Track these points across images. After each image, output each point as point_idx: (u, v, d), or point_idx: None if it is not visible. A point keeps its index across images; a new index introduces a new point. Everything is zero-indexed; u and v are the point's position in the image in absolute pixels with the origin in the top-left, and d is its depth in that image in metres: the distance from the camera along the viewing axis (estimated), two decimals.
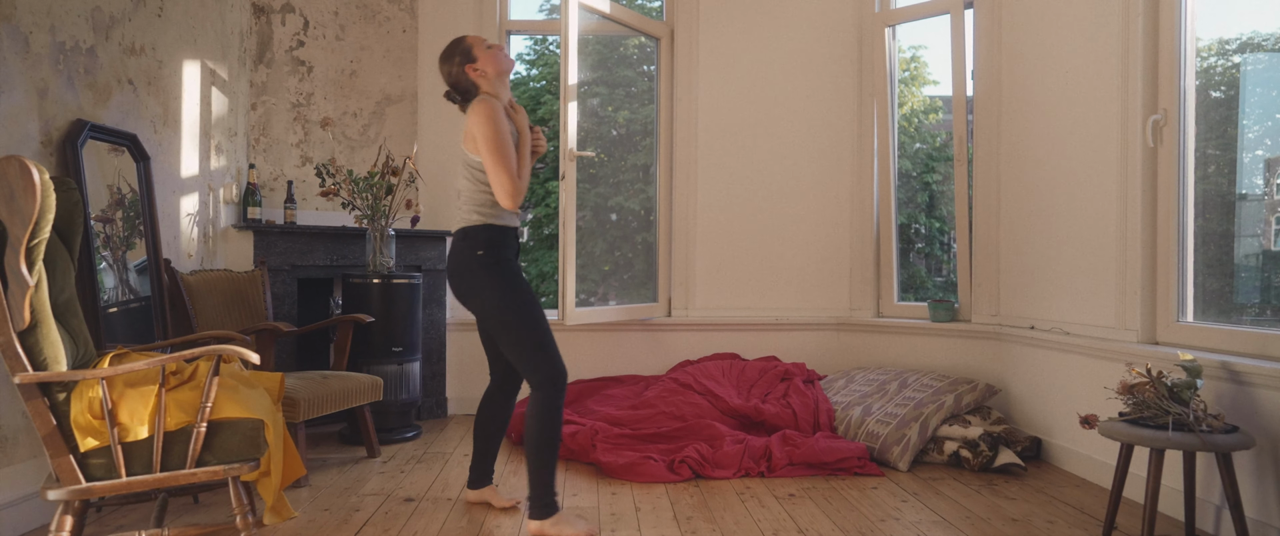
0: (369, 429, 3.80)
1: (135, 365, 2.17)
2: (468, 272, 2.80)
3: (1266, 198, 3.07)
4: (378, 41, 4.78)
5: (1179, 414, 2.54)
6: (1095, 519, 2.95)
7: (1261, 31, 3.10)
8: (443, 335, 4.73)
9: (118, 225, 3.30)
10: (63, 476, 2.14)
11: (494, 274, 2.78)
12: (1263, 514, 2.62)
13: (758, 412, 4.01)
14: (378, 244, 4.17)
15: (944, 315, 4.52)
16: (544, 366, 2.73)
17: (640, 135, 5.42)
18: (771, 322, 4.98)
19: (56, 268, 2.31)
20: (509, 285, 2.78)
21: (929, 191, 9.33)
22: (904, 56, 11.14)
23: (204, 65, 3.95)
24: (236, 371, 2.53)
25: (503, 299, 2.77)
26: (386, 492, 3.25)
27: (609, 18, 4.71)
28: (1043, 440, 3.80)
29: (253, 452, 2.30)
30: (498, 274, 2.78)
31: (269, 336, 3.61)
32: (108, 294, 3.18)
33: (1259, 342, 2.76)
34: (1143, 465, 2.97)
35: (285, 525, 2.83)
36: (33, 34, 2.83)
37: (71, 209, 2.38)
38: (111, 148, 3.27)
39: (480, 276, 2.78)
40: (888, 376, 4.22)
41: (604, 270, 5.63)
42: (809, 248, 5.03)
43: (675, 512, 3.02)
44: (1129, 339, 3.22)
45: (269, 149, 4.53)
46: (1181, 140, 3.11)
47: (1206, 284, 3.15)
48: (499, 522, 2.90)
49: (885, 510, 3.07)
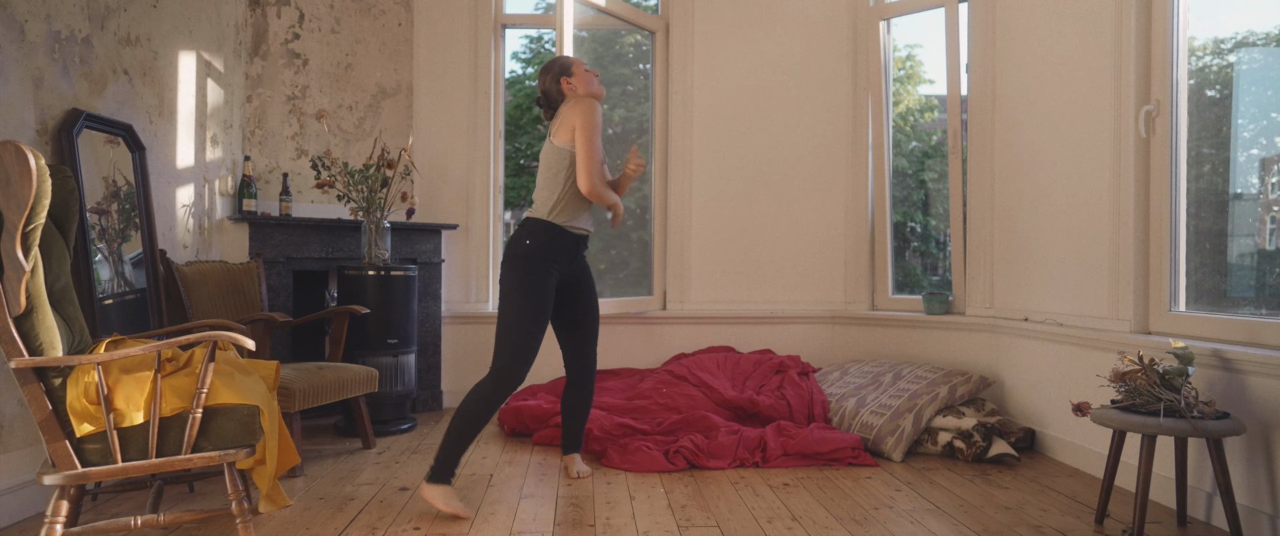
0: (364, 420, 3.80)
1: (131, 350, 2.17)
2: (508, 258, 2.96)
3: (1261, 196, 3.08)
4: (373, 34, 4.78)
5: (1170, 400, 2.55)
6: (1088, 506, 2.96)
7: (1257, 30, 3.11)
8: (438, 328, 4.73)
9: (113, 217, 3.30)
10: (59, 461, 2.15)
11: (523, 267, 2.92)
12: (1253, 500, 2.64)
13: (753, 404, 4.03)
14: (373, 236, 4.17)
15: (938, 308, 4.54)
16: (506, 363, 2.86)
17: (636, 133, 5.43)
18: (767, 316, 4.99)
19: (52, 255, 2.31)
20: (529, 284, 2.91)
21: (924, 189, 9.34)
22: (899, 55, 11.15)
23: (200, 56, 3.95)
24: (232, 358, 2.54)
25: (515, 290, 2.91)
26: (381, 482, 3.26)
27: (604, 11, 4.72)
28: (1036, 431, 3.81)
29: (248, 438, 2.30)
30: (526, 268, 2.92)
31: (264, 327, 3.61)
32: (103, 286, 3.18)
33: (1250, 330, 2.78)
34: (1135, 453, 2.99)
35: (280, 513, 2.83)
36: (28, 22, 2.83)
37: (67, 196, 2.38)
38: (107, 139, 3.27)
39: (511, 264, 2.94)
40: (882, 368, 4.23)
41: (599, 268, 5.64)
42: (804, 240, 5.04)
43: (670, 501, 3.03)
44: (1122, 328, 3.24)
45: (264, 141, 4.53)
46: (1174, 130, 3.13)
47: (1201, 282, 3.17)
48: (494, 509, 2.91)
49: (879, 499, 3.08)
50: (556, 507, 2.96)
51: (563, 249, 3.01)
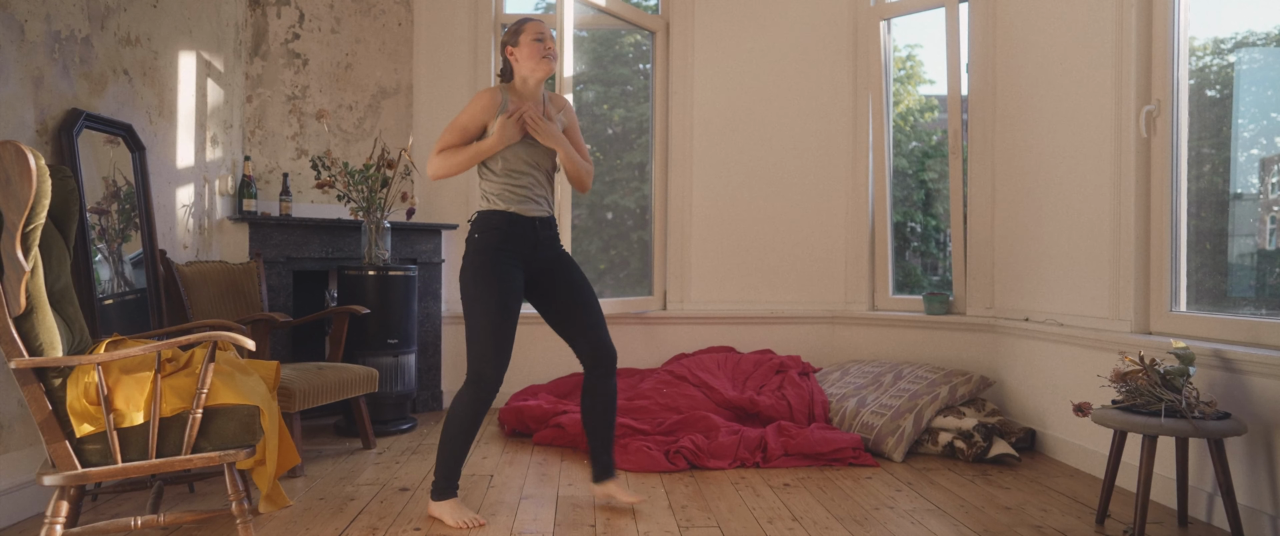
0: (364, 420, 3.80)
1: (131, 351, 2.17)
2: (464, 257, 2.83)
3: (1261, 197, 3.07)
4: (373, 34, 4.78)
5: (1171, 400, 2.55)
6: (1089, 507, 2.96)
7: (1257, 30, 3.11)
8: (438, 328, 4.73)
9: (113, 217, 3.29)
10: (59, 462, 2.14)
11: (470, 260, 2.79)
12: (1255, 500, 2.64)
13: (753, 404, 4.02)
14: (373, 236, 4.17)
15: (939, 308, 4.53)
16: (475, 363, 2.71)
17: (636, 133, 5.43)
18: (767, 316, 4.99)
19: (52, 255, 2.30)
20: (481, 278, 2.74)
21: (925, 189, 9.34)
22: (899, 55, 11.15)
23: (200, 56, 3.95)
24: (232, 359, 2.54)
25: (469, 285, 2.76)
26: (381, 482, 3.25)
27: (604, 11, 4.72)
28: (1037, 431, 3.81)
29: (248, 438, 2.30)
30: (476, 262, 2.77)
31: (264, 327, 3.61)
32: (103, 286, 3.18)
33: (1251, 330, 2.77)
34: (1136, 454, 2.99)
35: (280, 513, 2.83)
36: (28, 22, 2.83)
37: (67, 196, 2.38)
38: (107, 139, 3.26)
39: (465, 262, 2.81)
40: (883, 369, 4.23)
41: (599, 268, 5.64)
42: (804, 241, 5.04)
43: (670, 501, 3.03)
44: (1123, 329, 3.24)
45: (264, 141, 4.53)
46: (1175, 130, 3.13)
47: (1201, 282, 3.16)
48: (494, 510, 2.91)
49: (880, 499, 3.08)
50: (557, 508, 2.96)
51: (515, 237, 2.80)
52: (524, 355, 4.64)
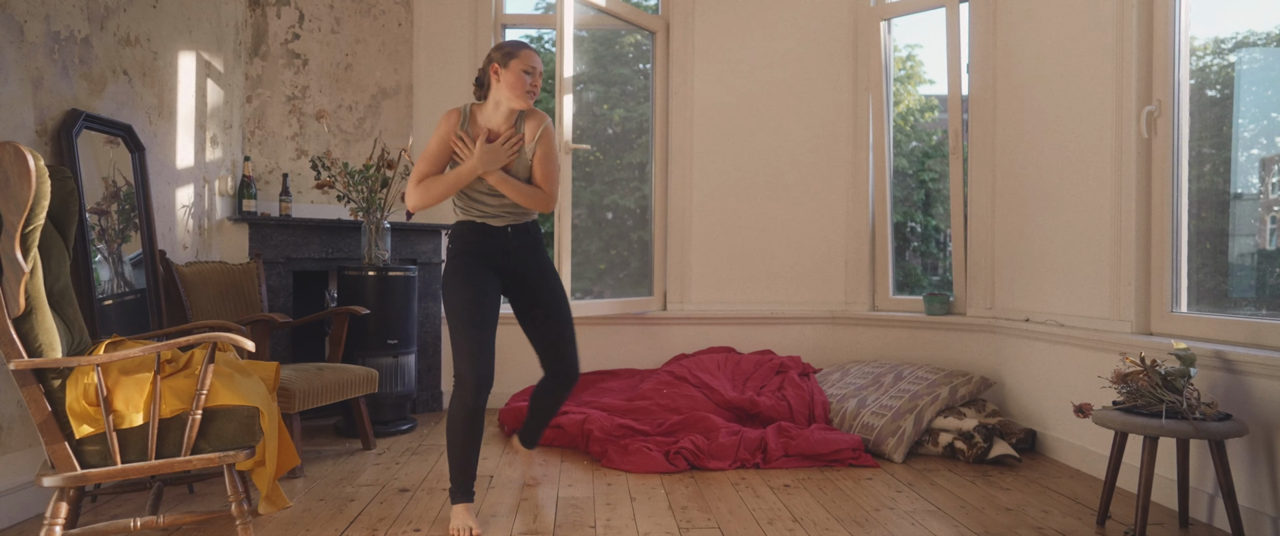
0: (364, 421, 3.80)
1: (130, 352, 2.16)
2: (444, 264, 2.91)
3: (1262, 196, 3.07)
4: (373, 35, 4.78)
5: (1172, 402, 2.55)
6: (1089, 508, 2.96)
7: (1257, 30, 3.11)
8: (438, 328, 4.73)
9: (113, 218, 3.29)
10: (58, 463, 2.14)
11: (446, 267, 2.86)
12: (1256, 501, 2.63)
13: (753, 405, 4.02)
14: (373, 237, 4.16)
15: (939, 308, 4.53)
16: (456, 367, 2.73)
17: (636, 133, 5.43)
18: (767, 316, 4.99)
19: (52, 256, 2.30)
20: (454, 284, 2.79)
21: (925, 189, 9.34)
22: (900, 56, 11.15)
23: (199, 57, 3.95)
24: (232, 360, 2.53)
25: (444, 291, 2.83)
26: (381, 483, 3.25)
27: (604, 11, 4.71)
28: (1037, 432, 3.81)
29: (248, 440, 2.30)
30: (450, 268, 2.84)
31: (264, 328, 3.61)
32: (103, 287, 3.18)
33: (1252, 331, 2.77)
34: (1137, 455, 2.98)
35: (280, 514, 2.83)
36: (27, 23, 2.83)
37: (66, 197, 2.38)
38: (107, 139, 3.26)
39: (443, 270, 2.89)
40: (883, 369, 4.23)
41: (599, 269, 5.63)
42: (805, 241, 5.03)
43: (670, 502, 3.03)
44: (1123, 329, 3.24)
45: (264, 141, 4.52)
46: (1176, 130, 3.13)
47: (1202, 282, 3.16)
48: (494, 510, 2.90)
49: (880, 500, 3.08)
50: (557, 508, 2.95)
51: (487, 245, 2.83)
52: (524, 356, 4.62)
